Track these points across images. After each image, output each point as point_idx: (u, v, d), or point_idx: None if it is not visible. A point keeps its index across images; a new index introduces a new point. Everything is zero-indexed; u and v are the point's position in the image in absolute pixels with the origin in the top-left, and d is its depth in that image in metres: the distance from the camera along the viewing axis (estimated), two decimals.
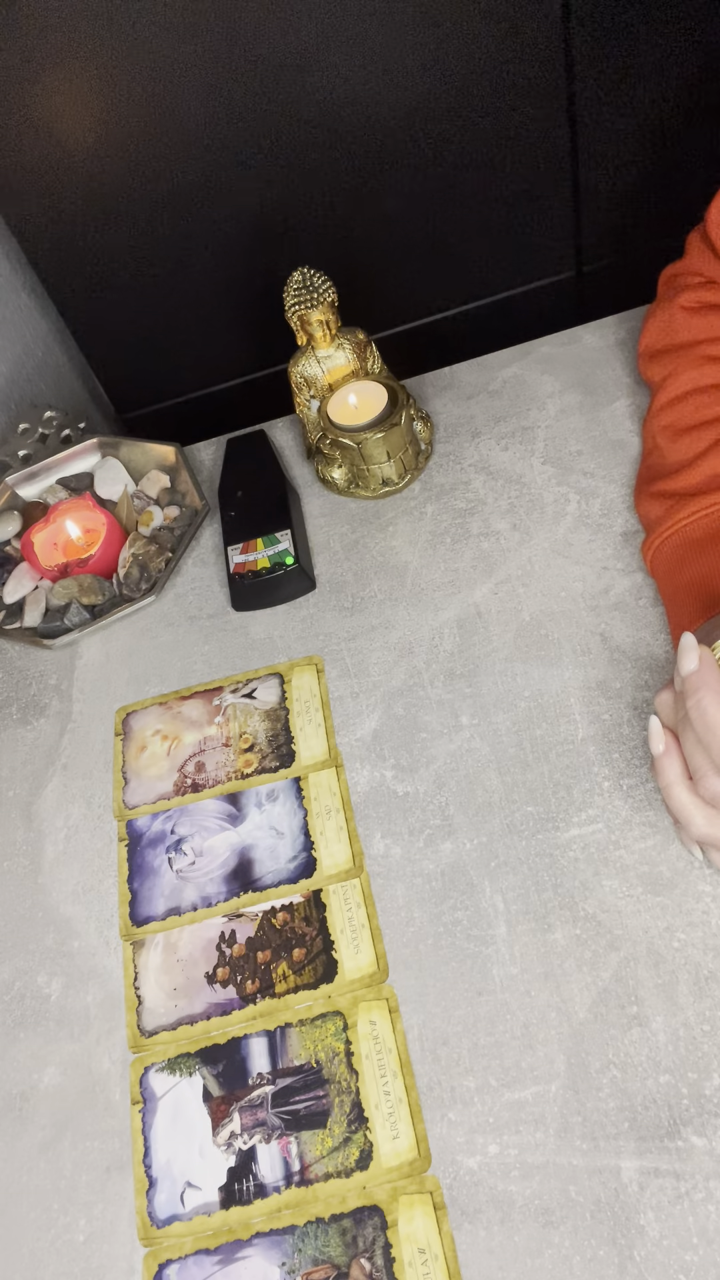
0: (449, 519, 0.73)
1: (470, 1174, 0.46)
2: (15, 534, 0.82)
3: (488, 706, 0.62)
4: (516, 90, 0.85)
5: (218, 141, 0.84)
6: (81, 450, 0.85)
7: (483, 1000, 0.51)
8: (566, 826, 0.55)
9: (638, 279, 0.76)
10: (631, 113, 0.89)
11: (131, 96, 0.80)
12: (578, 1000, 0.50)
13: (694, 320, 0.66)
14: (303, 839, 0.59)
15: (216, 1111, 0.51)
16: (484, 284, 1.03)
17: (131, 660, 0.72)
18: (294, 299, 0.72)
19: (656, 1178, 0.44)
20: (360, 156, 0.88)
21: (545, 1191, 0.45)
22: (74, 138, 0.82)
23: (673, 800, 0.47)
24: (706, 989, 0.48)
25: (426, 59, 0.82)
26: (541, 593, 0.66)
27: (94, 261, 0.92)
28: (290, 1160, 0.49)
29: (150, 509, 0.80)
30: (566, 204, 0.96)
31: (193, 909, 0.58)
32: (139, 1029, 0.54)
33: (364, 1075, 0.50)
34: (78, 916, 0.60)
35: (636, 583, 0.64)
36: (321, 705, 0.65)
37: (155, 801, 0.64)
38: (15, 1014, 0.57)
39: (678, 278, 0.69)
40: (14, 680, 0.74)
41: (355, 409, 0.74)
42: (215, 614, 0.73)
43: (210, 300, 0.98)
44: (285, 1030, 0.53)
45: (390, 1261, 0.45)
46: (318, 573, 0.73)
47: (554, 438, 0.75)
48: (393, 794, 0.60)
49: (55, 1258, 0.49)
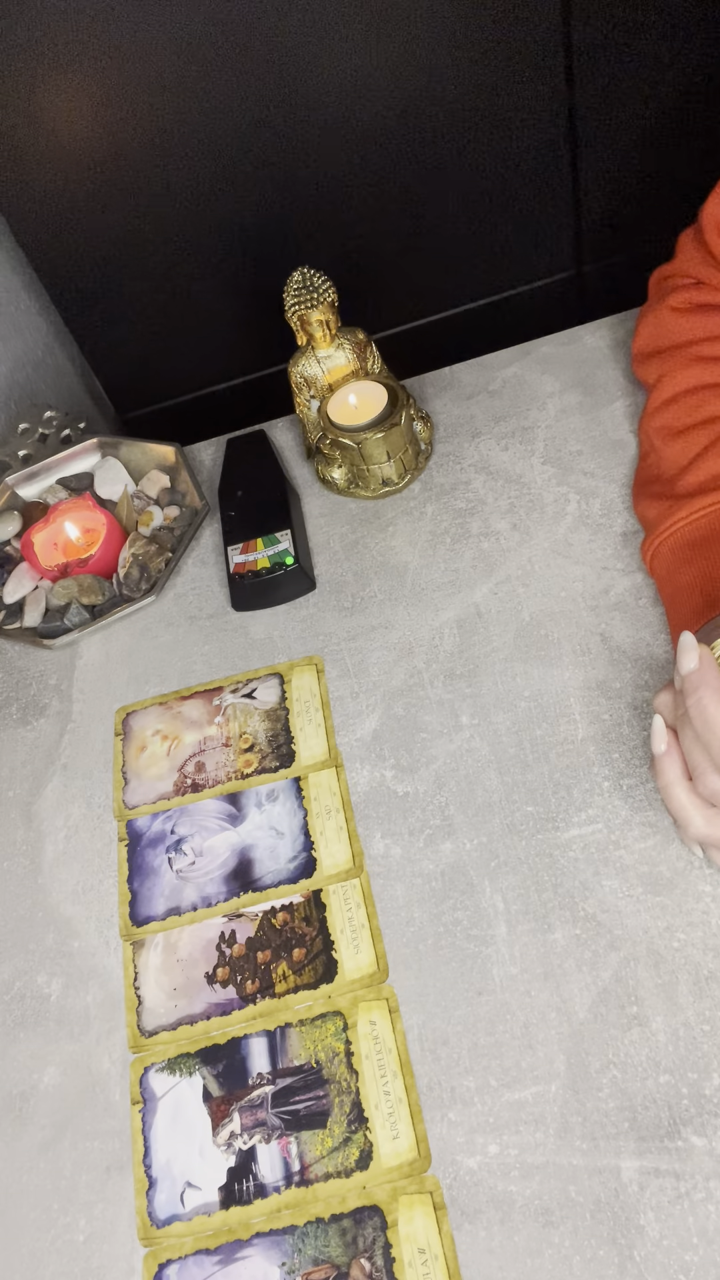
0: (449, 519, 0.73)
1: (470, 1174, 0.46)
2: (15, 534, 0.82)
3: (488, 706, 0.62)
4: (516, 90, 0.86)
5: (218, 142, 0.84)
6: (81, 450, 0.85)
7: (483, 1000, 0.51)
8: (566, 826, 0.55)
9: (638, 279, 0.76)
10: (631, 113, 0.90)
11: (131, 97, 0.80)
12: (578, 1000, 0.50)
13: (685, 320, 0.66)
14: (303, 839, 0.59)
15: (216, 1111, 0.51)
16: (484, 284, 1.03)
17: (131, 660, 0.72)
18: (294, 299, 0.72)
19: (656, 1178, 0.44)
20: (360, 156, 0.88)
21: (545, 1191, 0.45)
22: (74, 139, 0.82)
23: (672, 800, 0.47)
24: (706, 989, 0.48)
25: (426, 59, 0.82)
26: (541, 593, 0.66)
27: (94, 262, 0.92)
28: (290, 1160, 0.49)
29: (150, 509, 0.80)
30: (566, 204, 0.96)
31: (193, 909, 0.58)
32: (139, 1029, 0.54)
33: (364, 1075, 0.50)
34: (78, 916, 0.60)
35: (636, 583, 0.64)
36: (321, 705, 0.65)
37: (155, 801, 0.64)
38: (15, 1014, 0.57)
39: (668, 279, 0.69)
40: (14, 680, 0.74)
41: (355, 409, 0.74)
42: (215, 614, 0.73)
43: (210, 300, 0.98)
44: (285, 1030, 0.53)
45: (390, 1261, 0.45)
46: (318, 573, 0.73)
47: (554, 438, 0.75)
48: (393, 794, 0.60)
49: (55, 1258, 0.49)
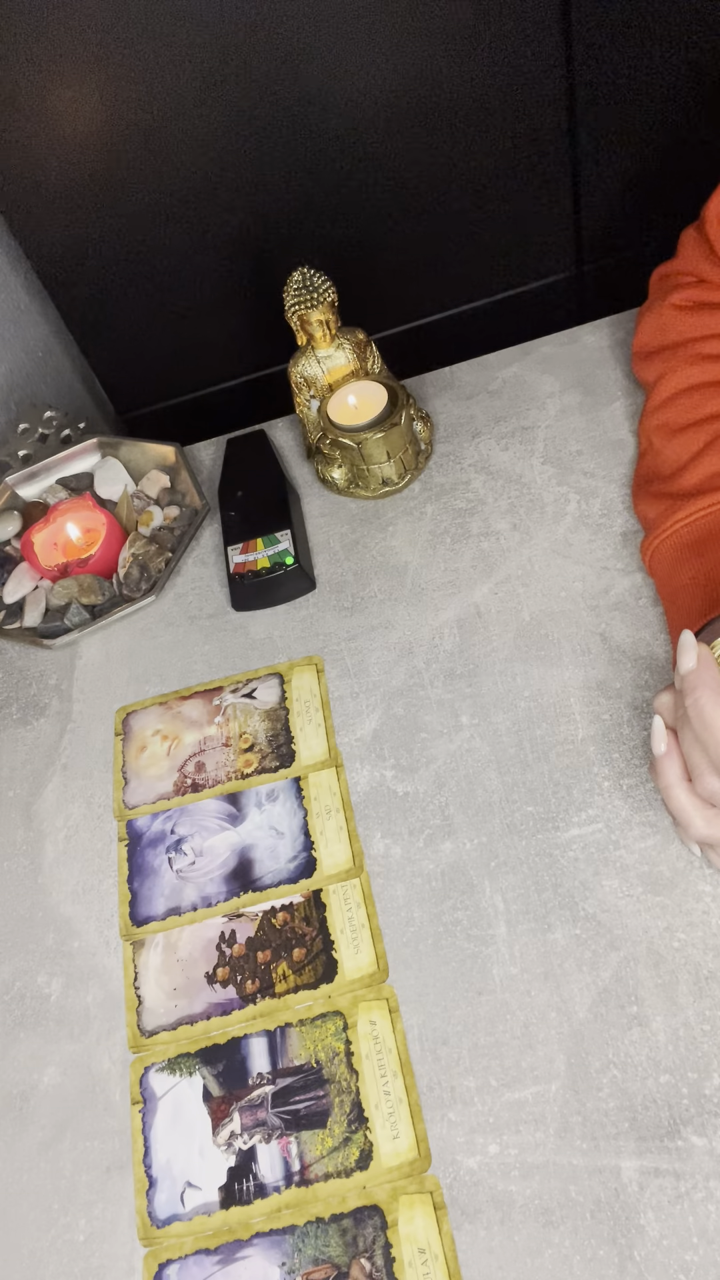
0: (449, 519, 0.73)
1: (470, 1174, 0.46)
2: (15, 534, 0.82)
3: (488, 706, 0.62)
4: (516, 90, 0.85)
5: (217, 142, 0.84)
6: (81, 450, 0.85)
7: (483, 1000, 0.51)
8: (566, 826, 0.55)
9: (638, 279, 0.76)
10: (631, 113, 0.89)
11: (132, 98, 0.80)
12: (578, 1000, 0.50)
13: (687, 319, 0.66)
14: (303, 839, 0.59)
15: (216, 1111, 0.51)
16: (484, 284, 1.03)
17: (131, 660, 0.72)
18: (294, 299, 0.72)
19: (656, 1177, 0.44)
20: (361, 156, 0.88)
21: (545, 1191, 0.45)
22: (75, 138, 0.82)
23: (672, 801, 0.47)
24: (706, 989, 0.48)
25: (427, 59, 0.82)
26: (541, 593, 0.66)
27: (94, 261, 0.92)
28: (290, 1160, 0.49)
29: (150, 509, 0.80)
30: (566, 204, 0.96)
31: (193, 909, 0.58)
32: (139, 1029, 0.54)
33: (364, 1075, 0.50)
34: (78, 916, 0.60)
35: (636, 583, 0.64)
36: (321, 705, 0.65)
37: (155, 801, 0.64)
38: (15, 1014, 0.57)
39: (669, 277, 0.69)
40: (14, 680, 0.74)
41: (355, 409, 0.74)
42: (215, 614, 0.73)
43: (210, 300, 0.97)
44: (285, 1030, 0.53)
45: (390, 1261, 0.45)
46: (318, 573, 0.73)
47: (554, 438, 0.75)
48: (393, 794, 0.60)
49: (55, 1258, 0.49)
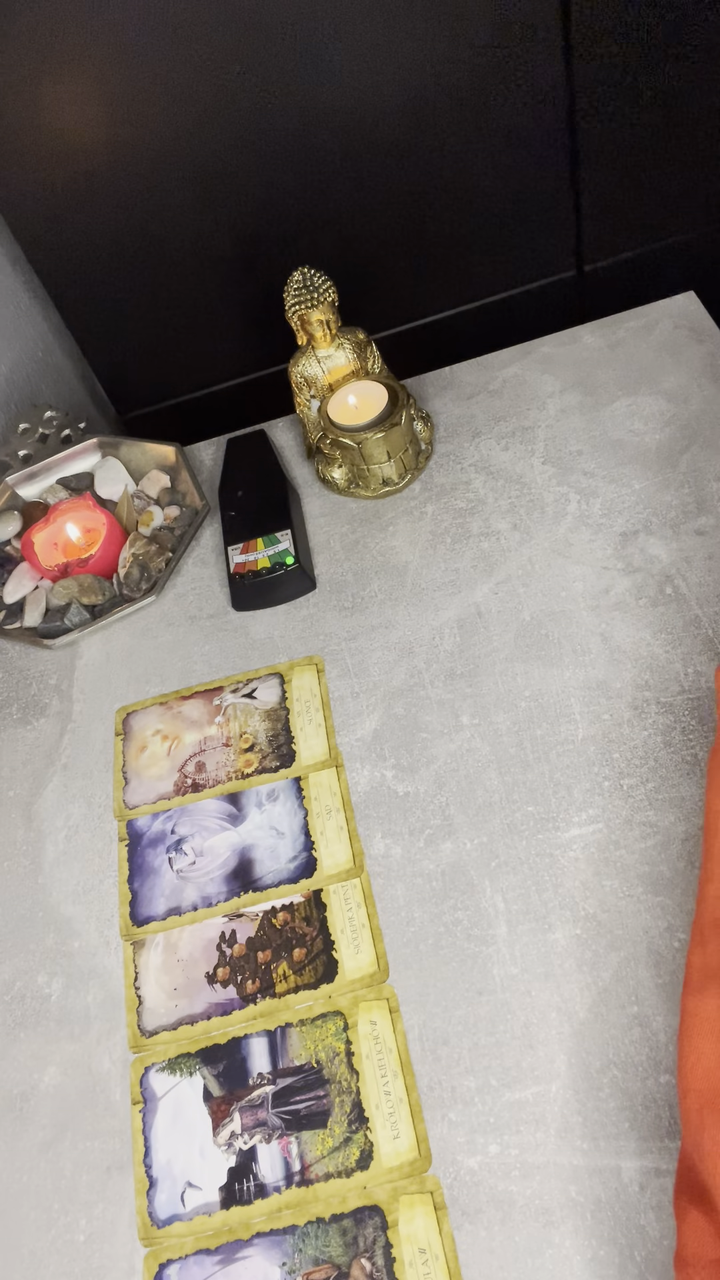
0: (449, 519, 0.73)
1: (471, 1174, 0.46)
2: (15, 534, 0.82)
3: (488, 706, 0.62)
4: (517, 90, 0.85)
5: (218, 142, 0.84)
6: (81, 450, 0.85)
7: (483, 1000, 0.51)
8: (566, 826, 0.55)
9: (638, 279, 0.76)
10: (632, 112, 0.89)
11: (132, 97, 0.80)
12: (578, 1000, 0.50)
13: None
14: (303, 839, 0.59)
15: (217, 1111, 0.51)
16: (484, 284, 1.03)
17: (131, 660, 0.72)
18: (294, 299, 0.72)
19: (657, 1178, 0.44)
20: (360, 156, 0.88)
21: (546, 1191, 0.45)
22: (75, 138, 0.82)
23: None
24: None
25: (427, 58, 0.82)
26: (541, 593, 0.66)
27: (94, 262, 0.92)
28: (291, 1160, 0.49)
29: (150, 509, 0.80)
30: (566, 204, 0.96)
31: (193, 909, 0.58)
32: (139, 1029, 0.54)
33: (364, 1075, 0.50)
34: (78, 916, 0.60)
35: (636, 583, 0.64)
36: (322, 705, 0.65)
37: (155, 801, 0.63)
38: (15, 1014, 0.57)
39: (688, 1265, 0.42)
40: (14, 680, 0.74)
41: (355, 409, 0.74)
42: (215, 614, 0.73)
43: (210, 300, 0.98)
44: (285, 1030, 0.53)
45: (390, 1261, 0.45)
46: (318, 573, 0.73)
47: (554, 438, 0.75)
48: (393, 794, 0.60)
49: (55, 1258, 0.49)
